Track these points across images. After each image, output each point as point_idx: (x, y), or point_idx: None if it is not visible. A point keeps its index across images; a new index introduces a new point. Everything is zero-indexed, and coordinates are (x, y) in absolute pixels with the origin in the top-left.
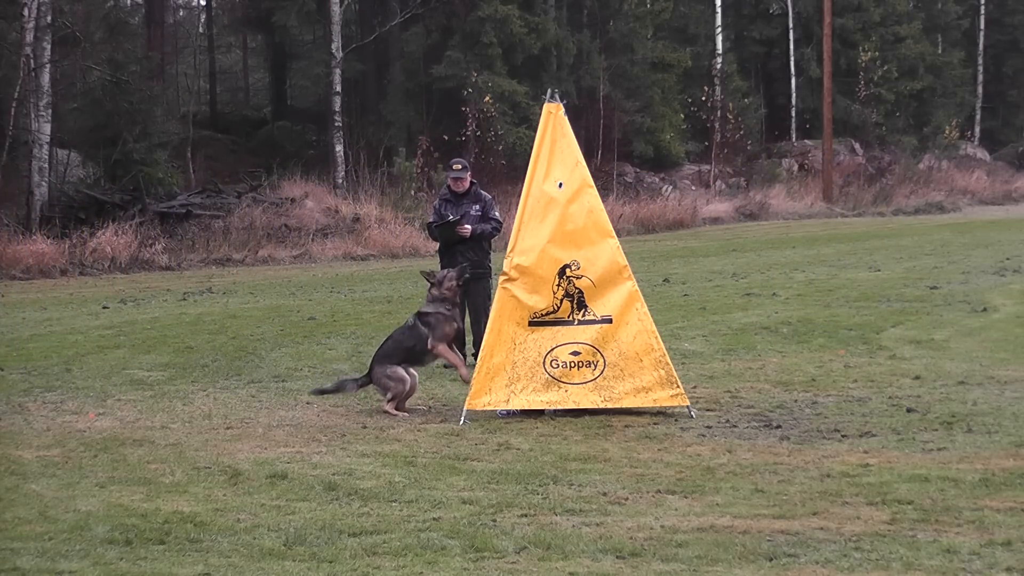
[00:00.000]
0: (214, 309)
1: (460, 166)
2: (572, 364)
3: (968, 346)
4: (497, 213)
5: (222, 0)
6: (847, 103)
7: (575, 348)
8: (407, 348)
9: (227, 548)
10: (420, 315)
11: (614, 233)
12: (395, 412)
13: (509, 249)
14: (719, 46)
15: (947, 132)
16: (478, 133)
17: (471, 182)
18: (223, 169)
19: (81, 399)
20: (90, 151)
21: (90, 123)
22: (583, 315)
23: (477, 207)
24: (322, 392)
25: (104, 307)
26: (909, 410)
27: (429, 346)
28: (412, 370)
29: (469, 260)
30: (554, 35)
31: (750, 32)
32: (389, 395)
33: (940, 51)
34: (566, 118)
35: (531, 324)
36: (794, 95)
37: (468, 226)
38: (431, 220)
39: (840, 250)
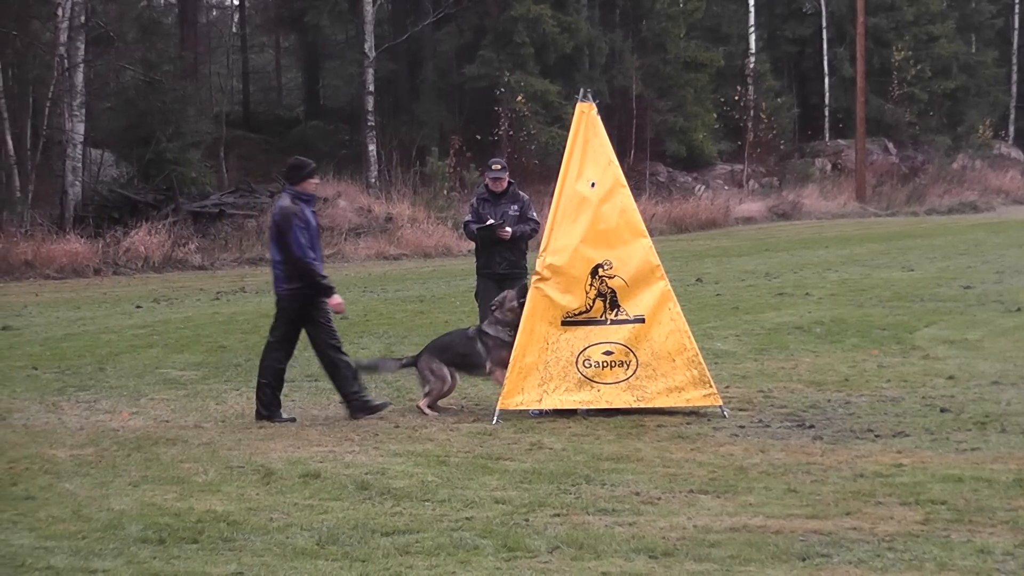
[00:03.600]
0: (247, 308)
1: (499, 166)
2: (605, 364)
3: (1002, 346)
4: (535, 214)
5: (255, 0)
6: (880, 102)
7: (608, 348)
8: (460, 354)
9: (260, 547)
10: (481, 333)
11: (647, 233)
12: (427, 410)
13: (542, 249)
14: (752, 45)
15: (981, 131)
16: (511, 133)
17: (509, 182)
18: (256, 169)
19: (115, 398)
20: (123, 151)
21: (123, 123)
22: (616, 315)
23: (515, 207)
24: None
25: (137, 306)
26: (943, 410)
27: (488, 369)
28: (456, 374)
29: (506, 260)
30: (586, 34)
31: (783, 31)
32: (427, 388)
33: (974, 50)
34: (599, 117)
35: (564, 324)
36: (827, 94)
37: (508, 228)
38: (468, 219)
39: (873, 250)
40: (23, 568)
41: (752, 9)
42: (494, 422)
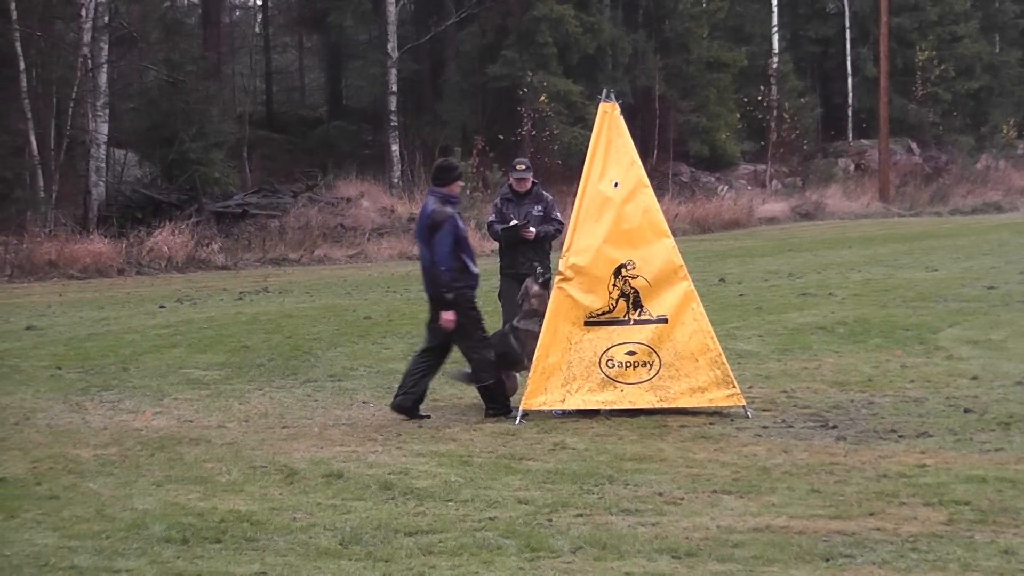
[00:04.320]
0: (270, 308)
1: (524, 166)
2: (628, 364)
3: None
4: (558, 214)
5: (278, 0)
6: (904, 102)
7: (631, 348)
8: (500, 353)
9: (283, 547)
10: (513, 329)
11: (670, 233)
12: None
13: (565, 249)
14: (775, 45)
15: (1004, 131)
16: (533, 133)
17: (533, 182)
18: (279, 169)
19: (138, 398)
20: (147, 151)
21: (147, 123)
22: (639, 315)
23: (539, 207)
24: (454, 377)
25: (161, 306)
26: (966, 410)
27: (524, 364)
28: (512, 373)
29: (529, 260)
30: (609, 35)
31: (806, 31)
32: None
33: (998, 50)
34: (621, 118)
35: (587, 324)
36: (850, 94)
37: (533, 229)
38: (491, 219)
39: (896, 250)
40: (47, 567)
41: (775, 9)
42: (517, 422)
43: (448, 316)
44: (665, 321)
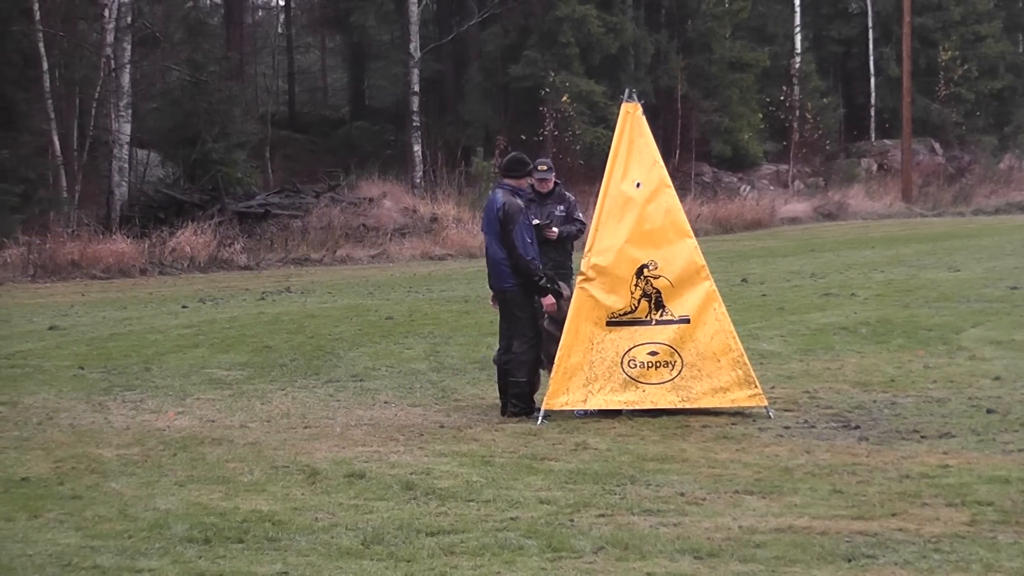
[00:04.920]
0: (292, 308)
1: (546, 167)
2: (650, 364)
3: None
4: (581, 214)
5: (301, 0)
6: (926, 102)
7: (653, 348)
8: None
9: (305, 547)
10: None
11: (692, 233)
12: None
13: (587, 249)
14: (798, 45)
15: None
16: (555, 133)
17: (555, 182)
18: (301, 169)
19: (160, 398)
20: (169, 151)
21: (169, 123)
22: (661, 315)
23: (561, 208)
24: None
25: (183, 306)
26: (989, 411)
27: (544, 364)
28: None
29: (552, 260)
30: (632, 35)
31: (829, 31)
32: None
33: (1021, 50)
34: (644, 118)
35: (609, 324)
36: (873, 94)
37: (555, 229)
38: None
39: (919, 250)
40: (69, 567)
41: (798, 9)
42: (539, 422)
43: (549, 300)
44: (687, 321)
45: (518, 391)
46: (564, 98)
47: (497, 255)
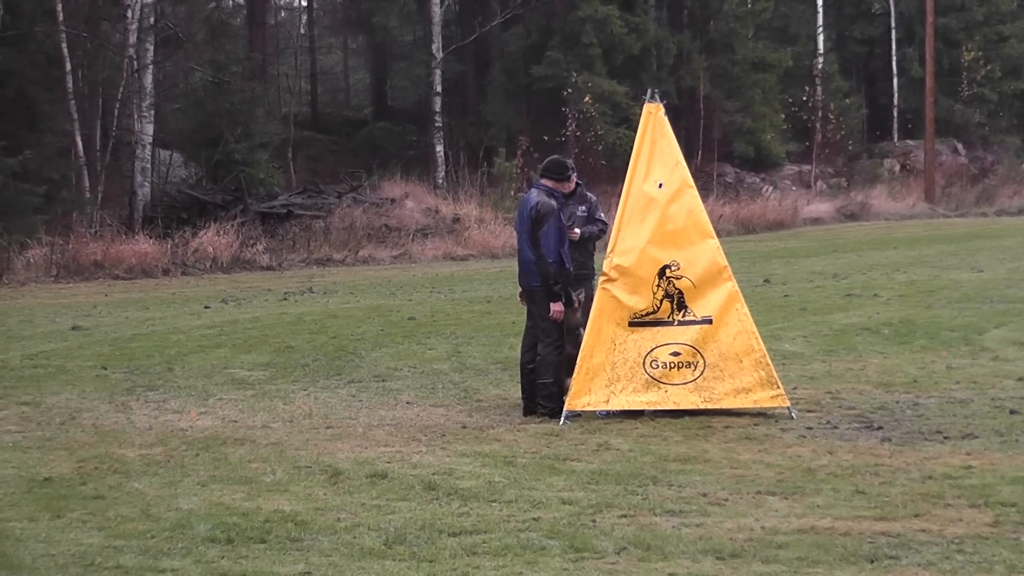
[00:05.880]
0: (315, 309)
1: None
2: (672, 365)
3: None
4: (603, 215)
5: (323, 1)
6: (950, 103)
7: (675, 349)
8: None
9: (327, 547)
10: None
11: (714, 233)
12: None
13: (609, 250)
14: (820, 46)
15: None
16: (578, 133)
17: (577, 183)
18: (324, 169)
19: (183, 398)
20: (192, 152)
21: (192, 124)
22: (683, 316)
23: (583, 208)
24: None
25: (206, 307)
26: (1012, 412)
27: None
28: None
29: (574, 261)
30: (654, 35)
31: (851, 32)
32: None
33: None
34: (666, 118)
35: (631, 325)
36: (896, 95)
37: (577, 230)
38: None
39: (942, 251)
40: (92, 567)
41: (820, 9)
42: (561, 423)
43: (558, 307)
44: (709, 322)
45: (546, 392)
46: (586, 98)
47: (527, 254)
